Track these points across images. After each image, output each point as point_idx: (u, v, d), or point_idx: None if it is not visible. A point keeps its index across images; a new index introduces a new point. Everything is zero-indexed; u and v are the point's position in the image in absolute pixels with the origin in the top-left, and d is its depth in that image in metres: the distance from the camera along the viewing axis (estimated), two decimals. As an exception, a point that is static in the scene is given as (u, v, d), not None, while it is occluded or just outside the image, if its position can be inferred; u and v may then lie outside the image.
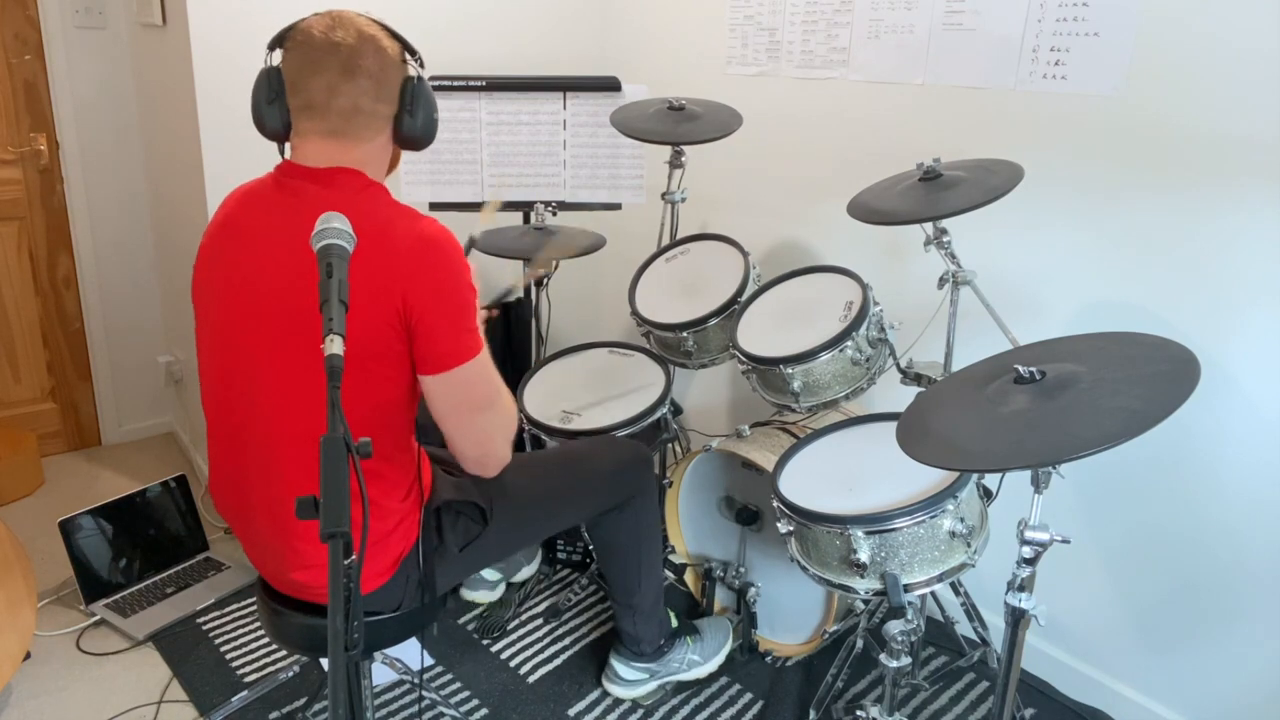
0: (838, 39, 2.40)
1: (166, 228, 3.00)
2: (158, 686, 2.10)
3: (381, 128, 1.43)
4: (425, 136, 1.47)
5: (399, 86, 1.43)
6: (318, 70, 1.37)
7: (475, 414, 1.46)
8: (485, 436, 1.49)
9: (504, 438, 1.54)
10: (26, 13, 2.81)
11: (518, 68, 2.92)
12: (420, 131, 1.46)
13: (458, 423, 1.46)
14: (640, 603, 1.98)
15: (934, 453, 1.27)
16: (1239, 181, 1.74)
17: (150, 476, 2.89)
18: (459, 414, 1.45)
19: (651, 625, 2.02)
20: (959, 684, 2.13)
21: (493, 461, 1.53)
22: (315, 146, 1.41)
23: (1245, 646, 1.85)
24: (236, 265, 1.41)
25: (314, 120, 1.39)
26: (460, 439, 1.48)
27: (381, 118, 1.42)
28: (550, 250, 2.34)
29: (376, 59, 1.39)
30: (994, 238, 2.12)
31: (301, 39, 1.39)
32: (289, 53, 1.40)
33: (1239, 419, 1.80)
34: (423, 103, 1.44)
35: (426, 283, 1.35)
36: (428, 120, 1.46)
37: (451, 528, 1.60)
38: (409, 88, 1.43)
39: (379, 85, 1.40)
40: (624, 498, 1.86)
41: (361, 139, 1.41)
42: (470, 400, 1.44)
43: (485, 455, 1.52)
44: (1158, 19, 1.80)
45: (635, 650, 2.04)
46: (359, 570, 0.97)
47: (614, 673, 2.06)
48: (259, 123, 1.44)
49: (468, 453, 1.50)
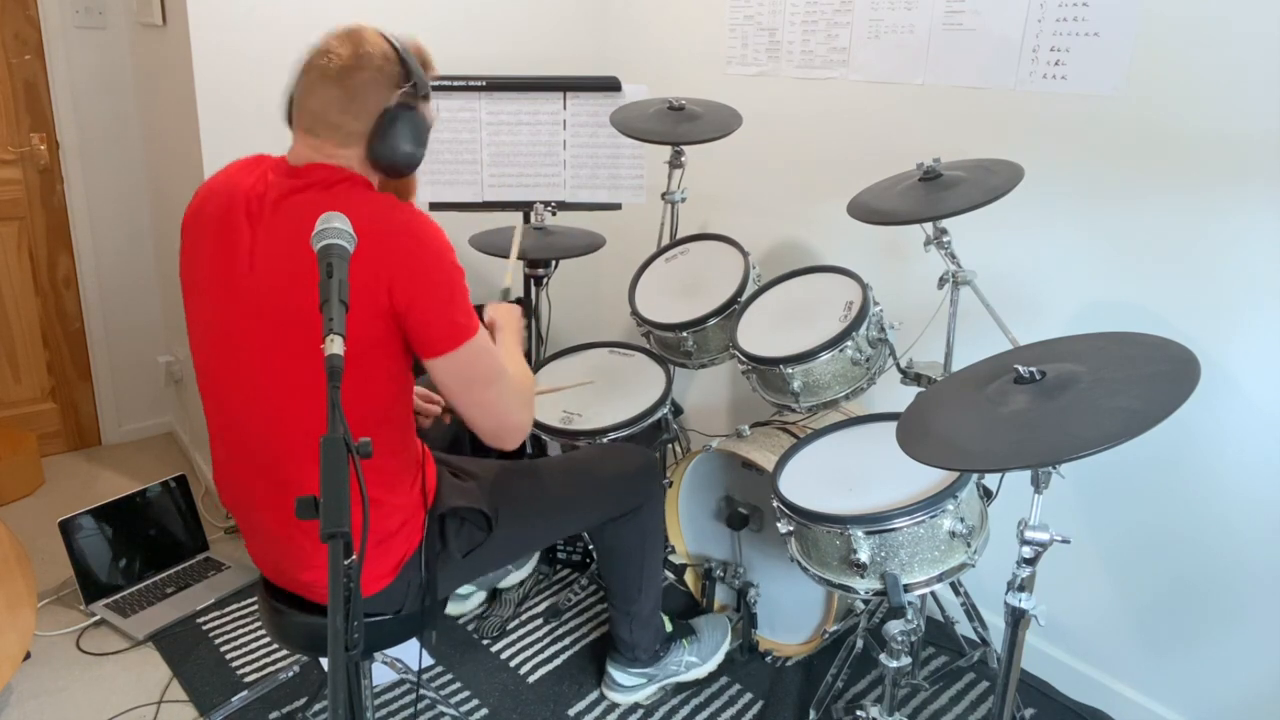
0: (838, 39, 2.40)
1: (166, 227, 2.99)
2: (158, 686, 2.10)
3: (348, 141, 1.41)
4: (396, 164, 1.44)
5: (378, 109, 1.41)
6: (308, 70, 1.42)
7: (483, 388, 1.46)
8: (498, 408, 1.48)
9: (518, 406, 1.52)
10: (26, 13, 2.81)
11: (518, 68, 2.92)
12: (390, 157, 1.43)
13: (468, 399, 1.46)
14: (639, 610, 1.98)
15: (934, 453, 1.27)
16: (1239, 181, 1.74)
17: (150, 476, 2.89)
18: (467, 390, 1.45)
19: (648, 632, 2.02)
20: (959, 684, 2.13)
21: (509, 432, 1.51)
22: (299, 141, 1.44)
23: (1245, 646, 1.85)
24: (217, 257, 1.42)
25: (298, 113, 1.44)
26: (472, 414, 1.48)
27: (347, 132, 1.41)
28: (550, 251, 2.34)
29: (358, 76, 1.39)
30: (994, 238, 2.12)
31: (316, 44, 1.44)
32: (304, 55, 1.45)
33: (1239, 419, 1.80)
34: (398, 131, 1.41)
35: (410, 270, 1.35)
36: (399, 149, 1.42)
37: (456, 534, 1.60)
38: (388, 114, 1.41)
39: (350, 100, 1.39)
40: (630, 506, 1.86)
41: (332, 142, 1.42)
42: (476, 376, 1.44)
43: (500, 427, 1.50)
44: (1158, 19, 1.80)
45: (631, 657, 2.04)
46: (359, 570, 0.97)
47: (612, 680, 2.06)
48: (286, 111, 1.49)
49: (483, 426, 1.49)
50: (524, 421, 1.53)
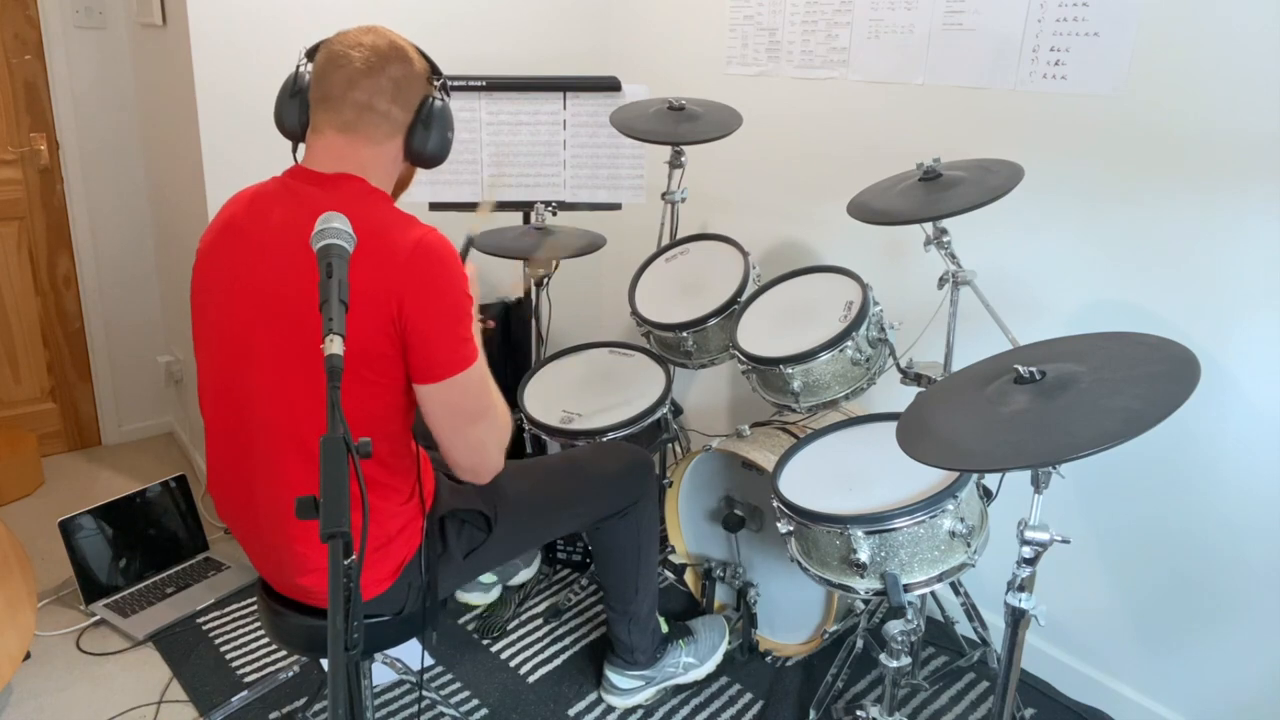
0: (837, 39, 2.40)
1: (166, 228, 3.00)
2: (158, 686, 2.10)
3: (391, 132, 1.43)
4: (436, 154, 1.47)
5: (419, 99, 1.44)
6: (341, 65, 1.40)
7: (470, 424, 1.45)
8: (479, 445, 1.48)
9: (498, 447, 1.53)
10: (26, 13, 2.81)
11: (518, 68, 2.92)
12: (431, 148, 1.46)
13: (452, 432, 1.45)
14: (637, 610, 1.98)
15: (934, 453, 1.27)
16: (1239, 181, 1.74)
17: (150, 476, 2.89)
18: (454, 423, 1.44)
19: (646, 633, 2.02)
20: (959, 684, 2.13)
21: (485, 471, 1.52)
22: (326, 142, 1.42)
23: (1245, 647, 1.85)
24: (238, 267, 1.41)
25: (329, 112, 1.41)
26: (454, 448, 1.47)
27: (393, 122, 1.43)
28: (548, 251, 2.34)
29: (401, 66, 1.42)
30: (994, 238, 2.12)
31: (335, 42, 1.43)
32: (320, 53, 1.44)
33: (1239, 419, 1.80)
34: (439, 121, 1.46)
35: (423, 290, 1.35)
36: (441, 139, 1.47)
37: (456, 535, 1.60)
38: (429, 103, 1.45)
39: (397, 89, 1.41)
40: (627, 504, 1.86)
41: (371, 139, 1.42)
42: (465, 410, 1.44)
43: (479, 464, 1.51)
44: (1158, 19, 1.80)
45: (629, 659, 2.03)
46: (359, 570, 0.97)
47: (610, 684, 2.06)
48: (279, 118, 1.47)
49: (461, 461, 1.49)
50: (499, 464, 1.54)
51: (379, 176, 1.45)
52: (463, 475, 1.53)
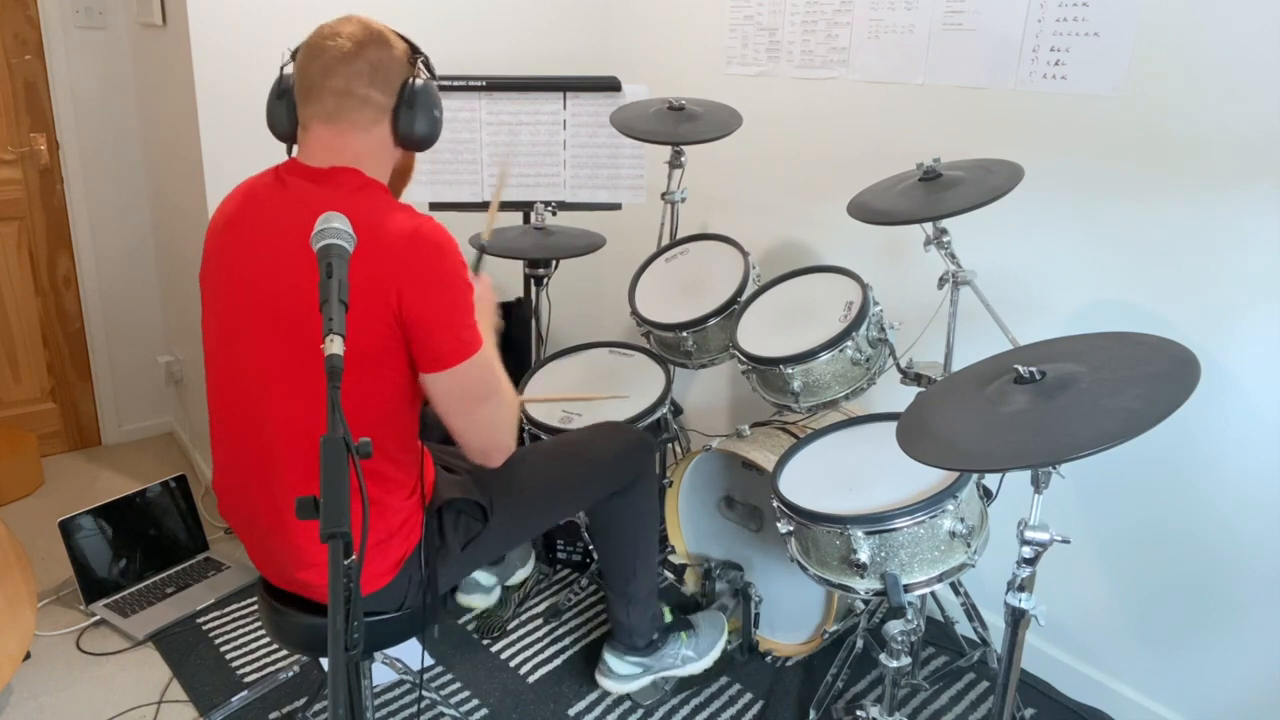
0: (838, 39, 2.40)
1: (167, 227, 3.00)
2: (158, 686, 2.10)
3: (376, 118, 1.43)
4: (425, 135, 1.47)
5: (399, 81, 1.44)
6: (318, 55, 1.40)
7: (477, 406, 1.46)
8: (489, 427, 1.50)
9: (508, 427, 1.53)
10: (26, 13, 2.81)
11: (518, 68, 2.92)
12: (419, 129, 1.45)
13: (461, 417, 1.46)
14: (636, 591, 1.97)
15: (934, 453, 1.27)
16: (1239, 181, 1.74)
17: (150, 476, 2.89)
18: (462, 408, 1.45)
19: (646, 616, 2.00)
20: (959, 684, 2.13)
21: (497, 452, 1.53)
22: (314, 135, 1.42)
23: (1246, 647, 1.85)
24: (237, 263, 1.42)
25: (312, 104, 1.41)
26: (464, 432, 1.48)
27: (375, 106, 1.42)
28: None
29: (378, 50, 1.41)
30: (994, 238, 2.12)
31: (314, 35, 1.43)
32: (300, 51, 1.44)
33: (1239, 419, 1.80)
34: (423, 101, 1.45)
35: (422, 280, 1.35)
36: (428, 119, 1.46)
37: (453, 527, 1.60)
38: (410, 84, 1.44)
39: (374, 72, 1.41)
40: (624, 483, 1.86)
41: (357, 125, 1.41)
42: (472, 394, 1.45)
43: (490, 446, 1.52)
44: (1158, 19, 1.80)
45: (628, 643, 2.02)
46: (359, 570, 0.97)
47: (607, 667, 2.04)
48: (269, 121, 1.48)
49: (472, 444, 1.51)
50: (511, 444, 1.55)
51: (373, 166, 1.44)
52: (474, 458, 1.54)
